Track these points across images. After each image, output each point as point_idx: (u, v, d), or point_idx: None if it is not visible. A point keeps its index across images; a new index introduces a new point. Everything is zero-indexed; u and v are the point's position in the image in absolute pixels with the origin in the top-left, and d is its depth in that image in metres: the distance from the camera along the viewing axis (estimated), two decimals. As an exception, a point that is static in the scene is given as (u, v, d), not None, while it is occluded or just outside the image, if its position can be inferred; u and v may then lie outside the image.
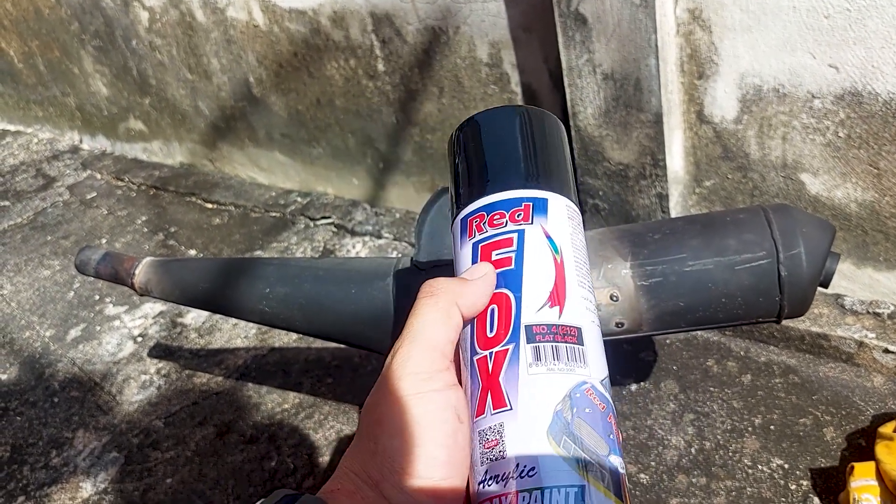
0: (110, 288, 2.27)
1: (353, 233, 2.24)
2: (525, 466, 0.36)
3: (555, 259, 0.43)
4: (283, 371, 1.81)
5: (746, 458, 1.32)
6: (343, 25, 1.96)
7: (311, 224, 2.36)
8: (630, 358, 1.57)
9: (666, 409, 1.45)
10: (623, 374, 1.54)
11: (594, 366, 0.41)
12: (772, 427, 1.35)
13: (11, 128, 3.87)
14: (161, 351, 1.99)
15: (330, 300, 1.05)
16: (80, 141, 3.47)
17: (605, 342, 1.01)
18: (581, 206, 1.72)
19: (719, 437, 1.37)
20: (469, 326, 0.42)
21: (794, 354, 1.48)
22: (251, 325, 1.96)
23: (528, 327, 0.40)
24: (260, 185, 2.66)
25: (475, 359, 0.41)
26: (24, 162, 3.44)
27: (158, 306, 2.15)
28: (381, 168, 2.24)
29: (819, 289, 0.93)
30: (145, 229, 2.63)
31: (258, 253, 2.30)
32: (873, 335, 1.39)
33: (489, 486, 0.37)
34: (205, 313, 2.05)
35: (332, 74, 2.10)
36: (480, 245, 0.44)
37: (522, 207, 0.44)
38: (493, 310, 0.41)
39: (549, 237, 0.43)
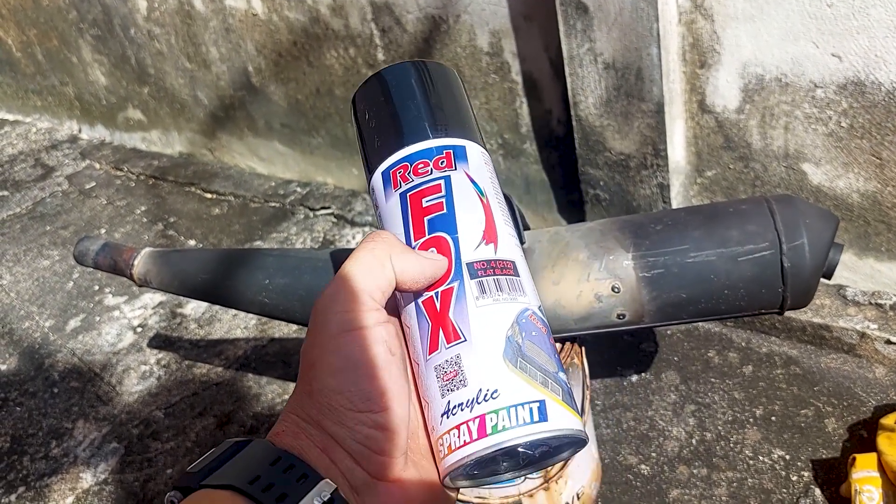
0: (110, 278, 2.27)
1: (353, 223, 2.23)
2: (488, 390, 0.38)
3: (481, 200, 0.44)
4: (283, 362, 1.80)
5: (748, 450, 1.31)
6: (342, 14, 1.95)
7: (311, 214, 2.35)
8: (631, 349, 1.57)
9: (667, 400, 1.44)
10: (624, 365, 1.54)
11: (531, 294, 0.43)
12: (773, 418, 1.35)
13: (10, 117, 3.86)
14: (161, 341, 1.98)
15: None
16: (79, 130, 3.46)
17: (605, 333, 1.00)
18: (581, 196, 1.72)
19: (720, 428, 1.36)
20: None
21: (796, 345, 1.47)
22: (251, 315, 1.96)
23: (469, 265, 0.42)
24: (259, 175, 2.65)
25: (420, 301, 0.42)
26: (23, 151, 3.43)
27: (158, 297, 2.15)
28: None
29: (821, 280, 0.93)
30: (144, 219, 2.62)
31: (258, 243, 2.30)
32: (875, 326, 1.38)
33: (454, 414, 0.39)
34: (204, 304, 2.05)
35: (331, 63, 2.09)
36: (409, 194, 0.44)
37: (444, 155, 0.45)
38: (432, 251, 0.43)
39: (472, 181, 0.45)
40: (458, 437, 0.38)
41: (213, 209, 2.56)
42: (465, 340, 0.40)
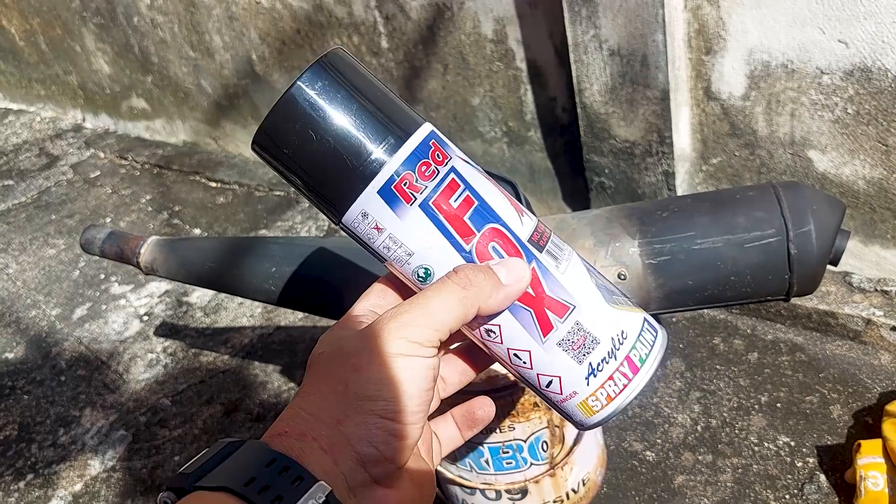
0: (115, 267, 2.28)
1: (358, 211, 2.23)
2: (618, 335, 0.43)
3: (486, 176, 0.43)
4: (289, 350, 1.81)
5: (753, 436, 1.32)
6: (346, 2, 1.94)
7: (316, 202, 2.35)
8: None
9: (672, 387, 1.45)
10: (629, 352, 1.54)
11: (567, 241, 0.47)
12: (778, 405, 1.36)
13: (14, 106, 3.86)
14: (167, 330, 1.99)
15: (336, 279, 1.05)
16: (83, 119, 3.46)
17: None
18: (586, 183, 1.71)
19: (725, 414, 1.37)
20: None
21: (802, 332, 1.47)
22: (257, 304, 1.96)
23: (529, 241, 0.42)
24: (263, 163, 2.65)
25: None
26: (28, 141, 3.43)
27: (164, 285, 2.15)
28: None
29: (827, 267, 0.92)
30: (149, 208, 2.62)
31: (263, 232, 2.30)
32: (881, 313, 1.38)
33: (601, 370, 0.43)
34: (210, 292, 2.05)
35: (335, 51, 2.08)
36: (431, 202, 0.40)
37: (433, 147, 0.41)
38: (494, 246, 0.42)
39: (467, 161, 0.43)
40: (616, 384, 0.43)
41: (217, 198, 2.56)
42: (575, 307, 0.42)
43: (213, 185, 2.64)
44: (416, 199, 0.40)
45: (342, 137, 0.40)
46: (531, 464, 1.13)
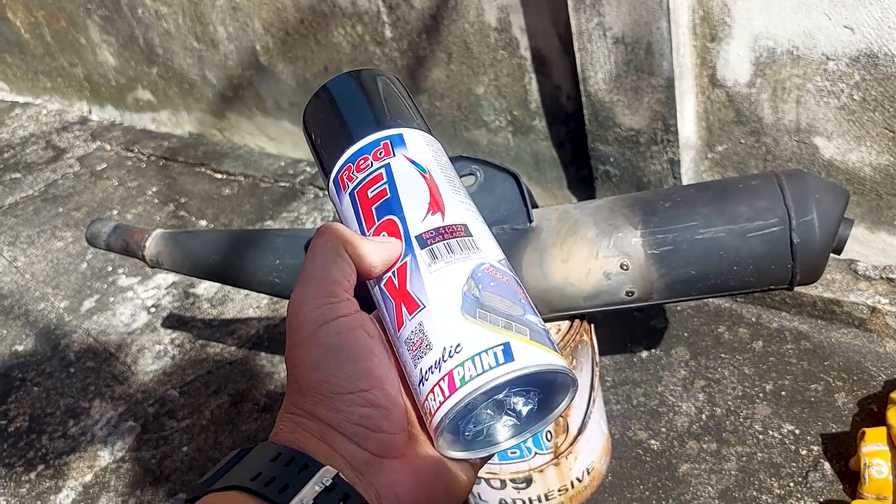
0: (123, 259, 2.29)
1: (363, 201, 2.23)
2: (451, 346, 0.38)
3: (424, 176, 0.45)
4: (295, 340, 1.82)
5: (757, 424, 1.32)
6: (349, -9, 1.94)
7: (321, 194, 2.35)
8: (641, 325, 1.57)
9: (677, 375, 1.45)
10: (634, 341, 1.54)
11: (488, 250, 0.43)
12: (783, 393, 1.36)
13: (20, 99, 3.87)
14: (174, 321, 2.00)
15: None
16: (89, 112, 3.47)
17: (614, 310, 1.01)
18: (591, 172, 1.71)
19: (730, 403, 1.37)
20: None
21: (807, 320, 1.47)
22: (263, 295, 1.97)
23: (418, 237, 0.42)
24: (269, 154, 2.65)
25: (382, 284, 0.43)
26: (34, 133, 3.44)
27: (171, 277, 2.16)
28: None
29: (832, 254, 0.92)
30: (156, 200, 2.63)
31: (268, 223, 2.31)
32: (886, 301, 1.38)
33: (427, 379, 0.39)
34: (216, 284, 2.06)
35: (339, 41, 2.08)
36: (356, 190, 0.45)
37: (382, 146, 0.46)
38: (383, 235, 0.43)
39: (413, 161, 0.46)
40: (434, 399, 0.38)
41: (223, 189, 2.57)
42: (424, 307, 0.40)
43: (219, 176, 2.65)
44: (349, 187, 0.46)
45: (323, 136, 0.50)
46: (535, 453, 1.13)
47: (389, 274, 0.42)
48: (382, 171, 0.45)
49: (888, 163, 1.36)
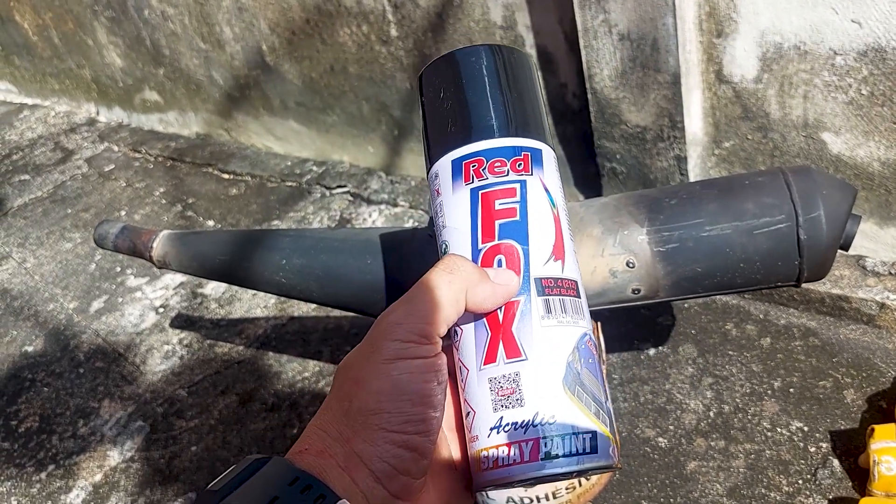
0: (131, 260, 2.30)
1: (370, 201, 2.23)
2: (545, 415, 0.39)
3: (553, 213, 0.43)
4: (302, 340, 1.82)
5: (765, 421, 1.31)
6: (354, -9, 1.94)
7: (327, 193, 2.36)
8: (648, 322, 1.56)
9: (684, 373, 1.44)
10: (641, 338, 1.54)
11: (588, 318, 0.43)
12: (791, 390, 1.35)
13: (29, 101, 3.89)
14: (183, 321, 2.01)
15: (346, 271, 1.06)
16: (97, 113, 3.48)
17: (621, 308, 1.00)
18: (598, 169, 1.71)
19: (738, 400, 1.36)
20: None
21: (815, 317, 1.46)
22: (270, 294, 1.97)
23: (537, 280, 0.41)
24: (276, 154, 2.66)
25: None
26: (43, 135, 3.46)
27: (178, 277, 2.17)
28: (396, 135, 2.23)
29: (839, 251, 0.92)
30: (163, 201, 2.64)
31: (275, 223, 2.31)
32: (895, 297, 1.37)
33: (506, 431, 0.39)
34: (224, 284, 2.07)
35: (344, 41, 2.08)
36: (481, 192, 0.42)
37: (522, 157, 0.43)
38: (500, 259, 0.41)
39: (546, 190, 0.43)
40: (509, 454, 0.39)
41: (230, 189, 2.58)
42: (526, 359, 0.39)
43: (226, 176, 2.65)
44: (473, 181, 0.43)
45: (457, 105, 0.45)
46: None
47: None
48: (517, 187, 0.43)
49: (897, 158, 1.35)
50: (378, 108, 2.19)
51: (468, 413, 0.41)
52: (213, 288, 2.08)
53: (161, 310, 2.08)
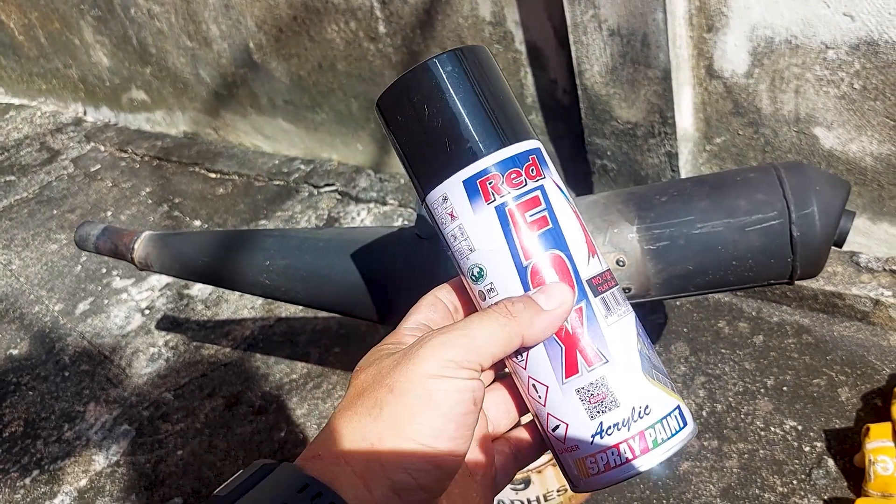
0: (117, 261, 2.27)
1: (358, 200, 2.21)
2: (641, 407, 0.40)
3: (572, 209, 0.43)
4: (290, 341, 1.80)
5: (759, 420, 1.30)
6: (341, -13, 1.91)
7: (315, 192, 2.33)
8: (639, 320, 1.55)
9: (677, 371, 1.43)
10: (633, 337, 1.52)
11: (626, 299, 0.44)
12: (785, 388, 1.33)
13: (15, 101, 3.85)
14: (168, 323, 1.98)
15: (331, 271, 1.03)
16: (84, 113, 3.45)
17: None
18: (588, 166, 1.69)
19: (731, 399, 1.35)
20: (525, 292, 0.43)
21: (808, 314, 1.45)
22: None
23: (588, 282, 0.41)
24: (263, 153, 2.63)
25: None
26: (29, 136, 3.43)
27: (164, 279, 2.15)
28: (384, 133, 2.20)
29: (833, 247, 0.90)
30: (150, 201, 2.61)
31: (263, 222, 2.29)
32: (889, 293, 1.35)
33: (609, 434, 0.40)
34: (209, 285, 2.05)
35: (332, 38, 2.06)
36: (507, 208, 0.41)
37: (531, 161, 0.42)
38: (551, 274, 0.41)
39: (559, 188, 0.43)
40: (620, 454, 0.40)
41: (217, 189, 2.55)
42: (608, 362, 0.41)
43: (213, 175, 2.63)
44: (494, 199, 0.41)
45: (450, 122, 0.42)
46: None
47: None
48: (539, 194, 0.42)
49: (890, 152, 1.33)
50: (367, 106, 2.16)
51: (557, 426, 0.42)
52: (200, 289, 2.06)
53: (147, 311, 2.05)
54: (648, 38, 1.39)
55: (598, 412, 0.40)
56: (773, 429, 1.28)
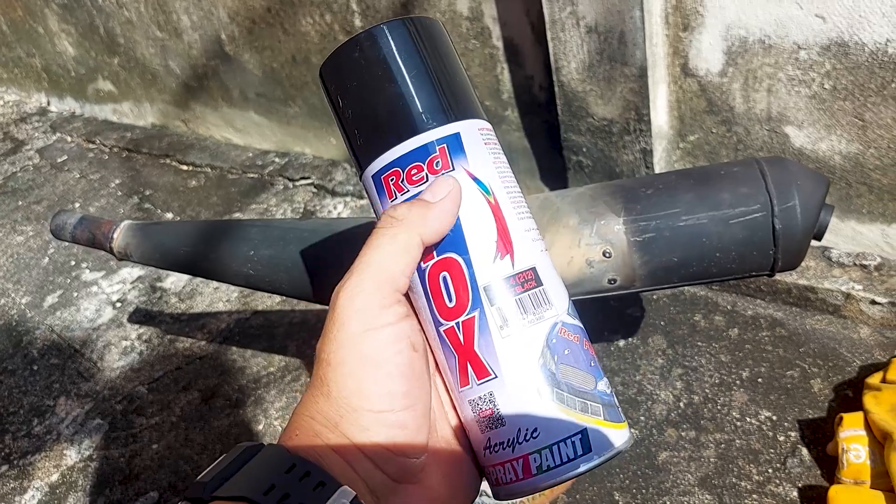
0: (86, 253, 2.23)
1: (334, 193, 2.20)
2: (527, 430, 0.37)
3: (489, 202, 0.39)
4: (267, 334, 1.79)
5: (735, 411, 1.33)
6: (318, -21, 1.90)
7: (291, 185, 2.32)
8: (617, 314, 1.57)
9: (654, 364, 1.45)
10: (611, 330, 1.54)
11: (557, 301, 0.40)
12: (759, 380, 1.37)
13: (-25, 90, 3.75)
14: (141, 316, 1.96)
15: (314, 262, 1.03)
16: (48, 103, 3.38)
17: (592, 298, 1.00)
18: (564, 162, 1.71)
19: (707, 390, 1.37)
20: (424, 297, 0.40)
21: (781, 307, 1.48)
22: (233, 288, 1.93)
23: (487, 288, 0.38)
24: (236, 146, 2.60)
25: (442, 330, 0.39)
26: (-10, 126, 3.35)
27: (136, 271, 2.11)
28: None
29: (812, 240, 0.93)
30: (119, 193, 2.57)
31: (237, 215, 2.27)
32: (860, 287, 1.39)
33: (496, 451, 0.38)
34: (185, 277, 2.02)
35: (307, 30, 2.04)
36: None
37: (438, 153, 0.39)
38: (444, 277, 0.39)
39: (475, 179, 0.39)
40: (505, 473, 0.38)
41: (189, 181, 2.52)
42: (496, 377, 0.38)
43: (185, 168, 2.59)
44: (396, 198, 0.39)
45: (361, 112, 0.40)
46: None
47: (452, 324, 0.39)
48: None
49: (857, 151, 1.37)
50: (342, 100, 2.15)
51: (467, 426, 0.40)
52: (174, 282, 2.03)
53: (118, 304, 2.02)
54: (626, 35, 1.40)
55: (487, 427, 0.38)
56: (748, 419, 1.31)
